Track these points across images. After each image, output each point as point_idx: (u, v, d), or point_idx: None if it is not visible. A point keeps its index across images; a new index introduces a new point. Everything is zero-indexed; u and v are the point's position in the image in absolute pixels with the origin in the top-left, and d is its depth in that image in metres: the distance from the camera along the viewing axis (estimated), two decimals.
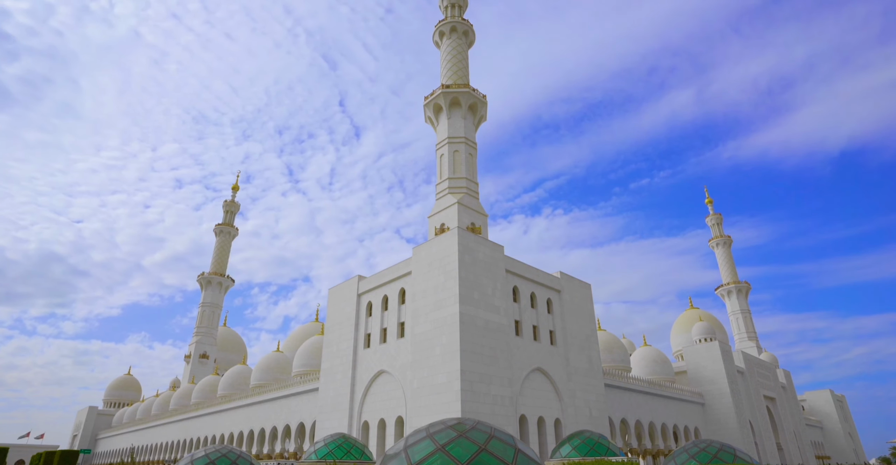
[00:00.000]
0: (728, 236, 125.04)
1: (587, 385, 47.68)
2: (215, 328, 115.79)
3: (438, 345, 37.87)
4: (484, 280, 40.58)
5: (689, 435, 67.92)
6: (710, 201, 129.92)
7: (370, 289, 48.40)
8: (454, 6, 63.10)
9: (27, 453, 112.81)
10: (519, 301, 44.58)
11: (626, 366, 67.91)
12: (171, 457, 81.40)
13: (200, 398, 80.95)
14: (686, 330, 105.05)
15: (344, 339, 49.06)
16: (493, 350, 38.76)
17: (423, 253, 42.64)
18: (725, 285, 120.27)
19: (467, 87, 56.09)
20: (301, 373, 61.82)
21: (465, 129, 54.67)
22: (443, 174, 52.87)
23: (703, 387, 73.37)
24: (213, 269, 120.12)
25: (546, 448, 40.32)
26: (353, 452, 28.34)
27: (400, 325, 44.04)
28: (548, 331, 46.54)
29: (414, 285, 42.53)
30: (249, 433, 63.17)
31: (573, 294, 50.98)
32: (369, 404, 44.14)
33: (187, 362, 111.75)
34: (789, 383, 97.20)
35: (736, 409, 69.84)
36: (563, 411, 44.06)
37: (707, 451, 20.72)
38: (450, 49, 60.11)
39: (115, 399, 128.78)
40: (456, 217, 47.99)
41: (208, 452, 20.46)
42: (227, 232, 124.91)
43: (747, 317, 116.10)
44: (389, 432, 41.02)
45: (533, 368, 42.68)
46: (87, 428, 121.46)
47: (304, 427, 54.74)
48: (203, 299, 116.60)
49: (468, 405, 34.96)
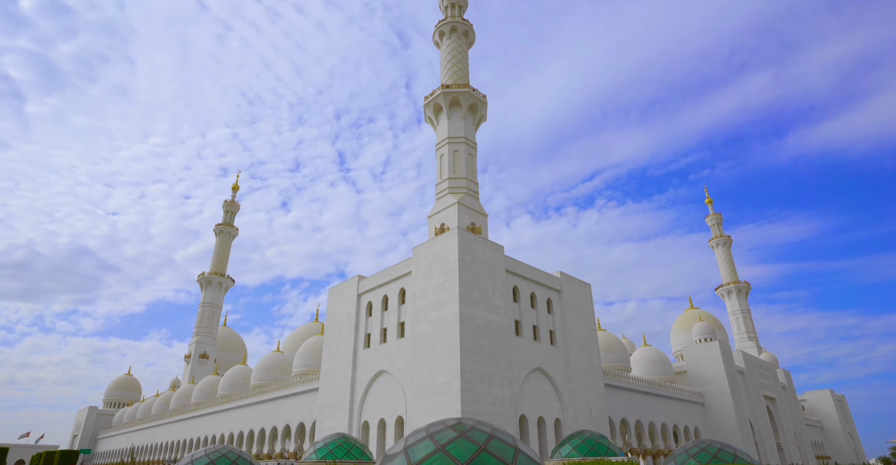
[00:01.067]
0: (728, 236, 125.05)
1: (587, 385, 47.68)
2: (215, 328, 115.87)
3: (438, 345, 37.86)
4: (484, 280, 40.58)
5: (689, 435, 67.92)
6: (710, 201, 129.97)
7: (370, 289, 48.40)
8: (454, 6, 63.10)
9: (27, 453, 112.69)
10: (519, 301, 44.58)
11: (626, 366, 67.92)
12: (171, 457, 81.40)
13: (200, 398, 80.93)
14: (686, 330, 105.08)
15: (344, 339, 49.06)
16: (493, 350, 38.75)
17: (423, 253, 42.64)
18: (725, 285, 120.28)
19: (467, 87, 56.09)
20: (301, 373, 61.82)
21: (465, 129, 54.69)
22: (443, 174, 52.91)
23: (703, 387, 73.37)
24: (213, 269, 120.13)
25: (546, 448, 40.32)
26: (353, 452, 28.32)
27: (400, 325, 44.04)
28: (548, 331, 46.54)
29: (414, 285, 42.52)
30: (249, 433, 63.17)
31: (573, 294, 50.99)
32: (369, 404, 44.14)
33: (187, 362, 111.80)
34: (789, 384, 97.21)
35: (736, 409, 69.84)
36: (563, 411, 44.06)
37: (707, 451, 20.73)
38: (450, 49, 60.11)
39: (115, 399, 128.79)
40: (456, 217, 48.02)
41: (208, 452, 20.46)
42: (227, 232, 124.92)
43: (747, 317, 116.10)
44: (389, 432, 41.02)
45: (533, 368, 42.68)
46: (87, 428, 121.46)
47: (304, 427, 54.73)
48: (203, 299, 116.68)
49: (468, 405, 34.96)
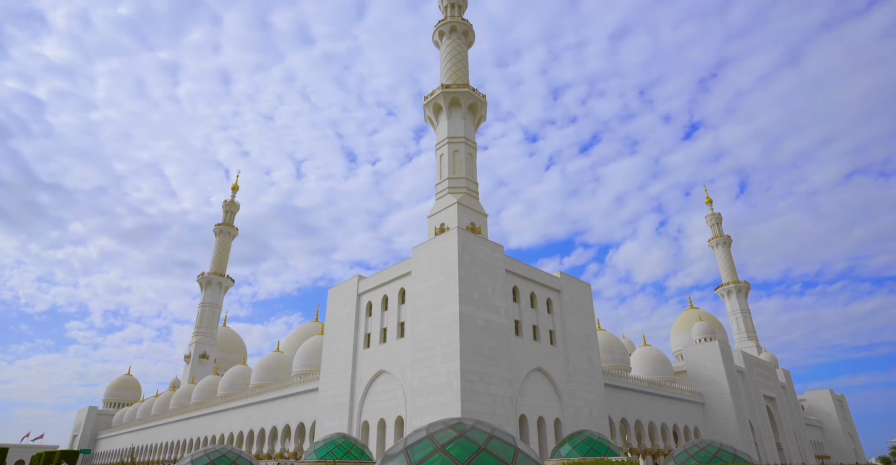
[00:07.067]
0: (728, 236, 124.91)
1: (587, 385, 47.68)
2: (215, 328, 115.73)
3: (438, 345, 37.86)
4: (484, 280, 40.58)
5: (689, 435, 67.92)
6: (710, 201, 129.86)
7: (370, 289, 48.39)
8: (454, 6, 63.08)
9: (27, 453, 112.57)
10: (519, 301, 44.57)
11: (625, 366, 67.89)
12: (171, 457, 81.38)
13: (200, 398, 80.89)
14: (686, 330, 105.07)
15: (344, 339, 49.05)
16: (492, 350, 38.75)
17: (423, 253, 42.63)
18: (725, 284, 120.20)
19: (467, 86, 56.09)
20: (301, 373, 61.80)
21: (465, 129, 54.70)
22: (442, 174, 52.90)
23: (702, 387, 73.37)
24: (213, 269, 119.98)
25: (546, 448, 40.33)
26: (353, 452, 28.32)
27: (400, 325, 44.03)
28: (548, 331, 46.54)
29: (414, 285, 42.51)
30: (249, 433, 63.15)
31: (573, 294, 50.99)
32: (369, 404, 44.13)
33: (187, 363, 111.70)
34: (789, 383, 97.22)
35: (736, 409, 69.84)
36: (563, 410, 44.06)
37: (707, 451, 20.75)
38: (449, 49, 60.09)
39: (115, 399, 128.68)
40: (456, 217, 47.99)
41: (208, 452, 20.47)
42: (226, 232, 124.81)
43: (747, 317, 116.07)
44: (389, 432, 41.01)
45: (533, 368, 42.68)
46: (87, 428, 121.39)
47: (304, 427, 54.72)
48: (203, 299, 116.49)
49: (468, 405, 34.96)
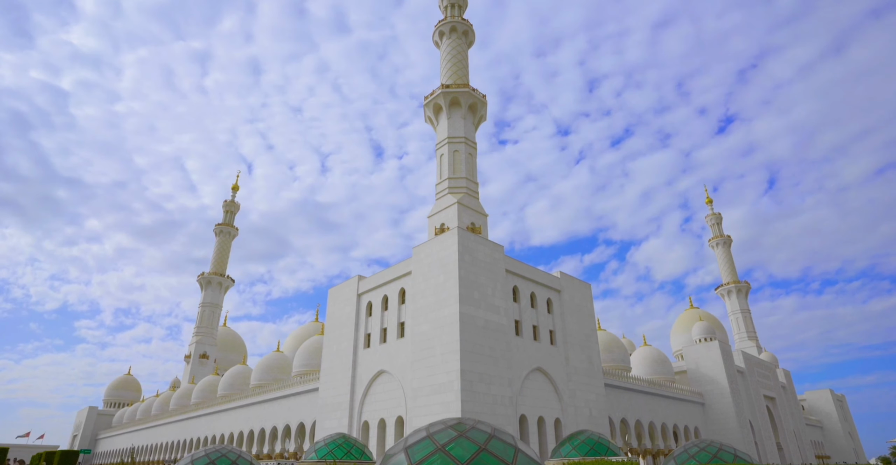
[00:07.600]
0: (728, 236, 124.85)
1: (587, 385, 47.68)
2: (215, 328, 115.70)
3: (438, 345, 37.86)
4: (484, 280, 40.57)
5: (689, 435, 67.91)
6: (710, 201, 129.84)
7: (370, 289, 48.39)
8: (454, 6, 63.06)
9: (27, 453, 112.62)
10: (519, 301, 44.57)
11: (626, 366, 67.89)
12: (171, 457, 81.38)
13: (200, 399, 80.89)
14: (686, 330, 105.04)
15: (344, 339, 49.04)
16: (492, 350, 38.74)
17: (423, 253, 42.62)
18: (725, 284, 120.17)
19: (467, 86, 56.08)
20: (301, 373, 61.80)
21: (465, 129, 54.68)
22: (442, 174, 52.88)
23: (703, 387, 73.36)
24: (213, 269, 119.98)
25: (546, 448, 40.32)
26: (353, 452, 28.31)
27: (400, 325, 44.03)
28: (548, 331, 46.54)
29: (414, 285, 42.51)
30: (249, 433, 63.15)
31: (573, 294, 50.99)
32: (369, 404, 44.12)
33: (187, 363, 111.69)
34: (789, 383, 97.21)
35: (736, 409, 69.83)
36: (563, 410, 44.06)
37: (707, 451, 20.74)
38: (449, 49, 60.08)
39: (115, 399, 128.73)
40: (456, 217, 47.96)
41: (208, 452, 20.47)
42: (227, 232, 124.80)
43: (747, 317, 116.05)
44: (389, 432, 41.01)
45: (533, 368, 42.67)
46: (87, 428, 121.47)
47: (304, 427, 54.72)
48: (203, 299, 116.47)
49: (468, 405, 34.96)
